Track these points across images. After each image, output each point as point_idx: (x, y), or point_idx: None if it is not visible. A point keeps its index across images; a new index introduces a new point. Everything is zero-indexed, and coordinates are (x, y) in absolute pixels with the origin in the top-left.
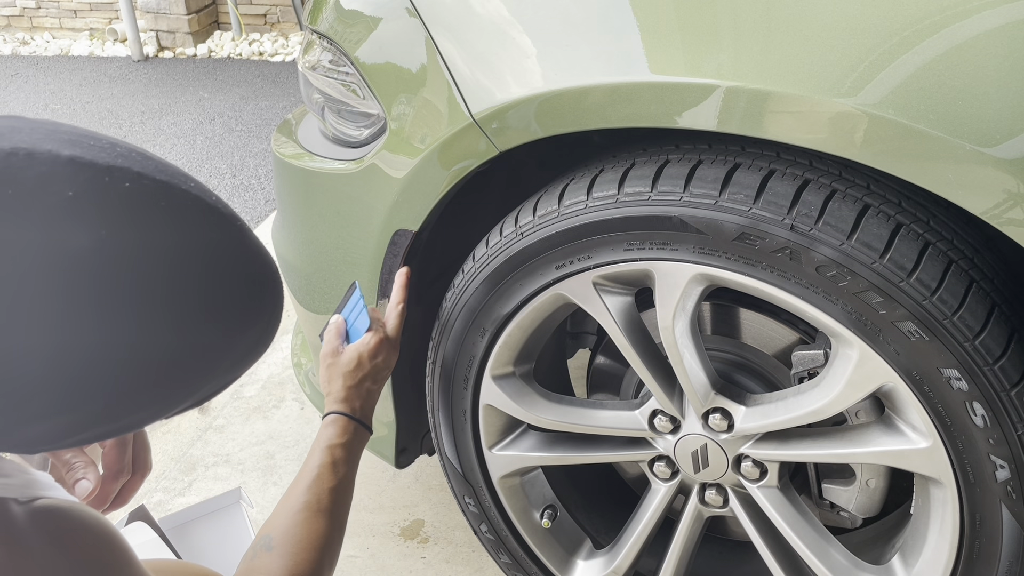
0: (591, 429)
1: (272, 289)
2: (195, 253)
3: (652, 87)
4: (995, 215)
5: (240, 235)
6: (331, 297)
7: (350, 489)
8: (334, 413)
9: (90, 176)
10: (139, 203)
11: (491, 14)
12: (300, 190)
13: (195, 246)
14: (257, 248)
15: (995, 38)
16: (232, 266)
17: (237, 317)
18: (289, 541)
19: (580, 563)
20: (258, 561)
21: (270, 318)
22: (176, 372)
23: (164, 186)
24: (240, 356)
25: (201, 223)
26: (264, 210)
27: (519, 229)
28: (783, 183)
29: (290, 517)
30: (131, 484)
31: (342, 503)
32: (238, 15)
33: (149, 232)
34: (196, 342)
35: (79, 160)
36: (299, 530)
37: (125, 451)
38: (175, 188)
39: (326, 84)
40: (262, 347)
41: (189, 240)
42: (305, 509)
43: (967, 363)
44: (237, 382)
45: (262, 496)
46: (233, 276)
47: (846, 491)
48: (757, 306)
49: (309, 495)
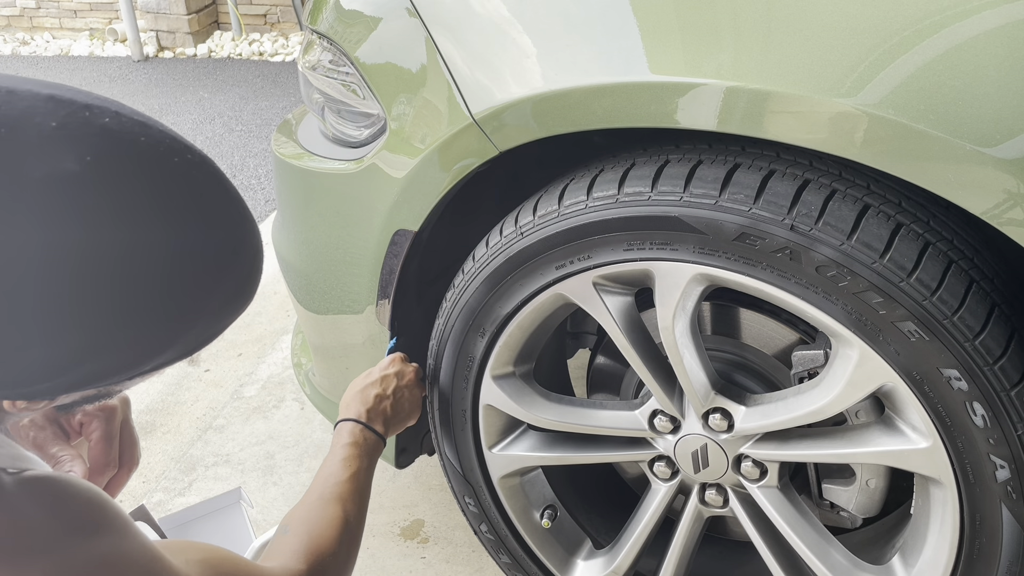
0: (591, 429)
1: (249, 231)
2: (177, 183)
3: (652, 87)
4: (995, 215)
5: (218, 175)
6: (331, 297)
7: (366, 488)
8: (340, 421)
9: (71, 111)
10: (120, 136)
11: (491, 14)
12: (300, 190)
13: (178, 179)
14: (235, 192)
15: (995, 38)
16: (214, 202)
17: (215, 254)
18: (305, 523)
19: (580, 563)
20: (276, 544)
21: (250, 262)
22: (155, 305)
23: (142, 124)
24: (221, 300)
25: (181, 161)
26: (264, 210)
27: (519, 229)
28: (783, 183)
29: (306, 506)
30: (118, 478)
31: (357, 493)
32: (238, 15)
33: (131, 162)
34: (174, 272)
35: (58, 97)
36: (314, 514)
37: (112, 445)
38: (152, 127)
39: (326, 84)
40: (244, 293)
41: (171, 174)
42: (320, 499)
43: (967, 363)
44: (237, 382)
45: (262, 496)
46: (214, 211)
47: (846, 491)
48: (757, 306)
49: (324, 487)
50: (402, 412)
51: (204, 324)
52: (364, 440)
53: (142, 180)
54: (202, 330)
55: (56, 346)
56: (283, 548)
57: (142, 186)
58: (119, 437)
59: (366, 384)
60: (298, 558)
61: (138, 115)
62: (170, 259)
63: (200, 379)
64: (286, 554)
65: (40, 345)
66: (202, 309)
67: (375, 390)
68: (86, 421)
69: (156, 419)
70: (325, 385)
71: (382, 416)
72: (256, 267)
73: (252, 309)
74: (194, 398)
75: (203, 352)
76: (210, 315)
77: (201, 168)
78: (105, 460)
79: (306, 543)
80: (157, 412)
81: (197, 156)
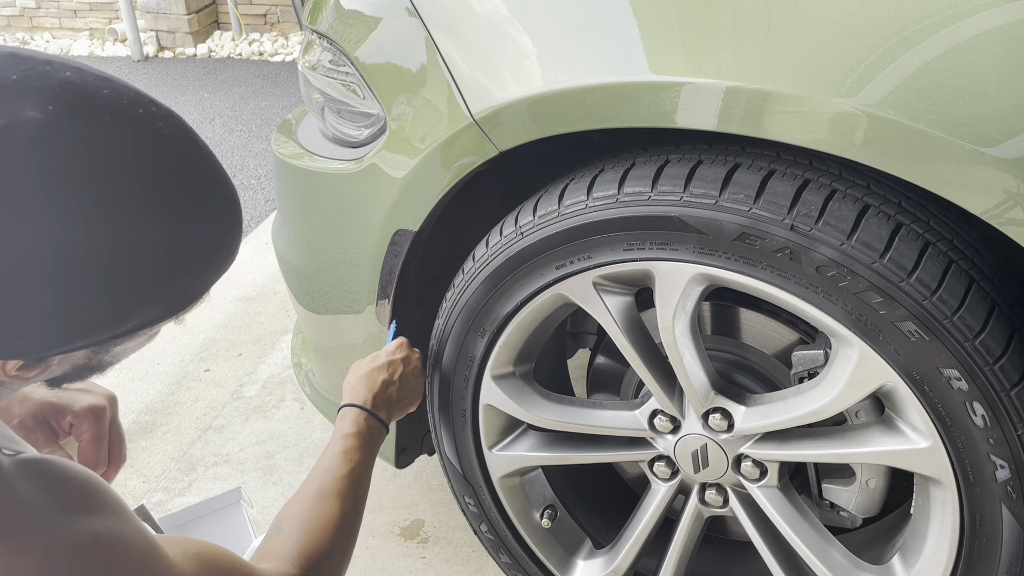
0: (591, 429)
1: (220, 182)
2: (144, 133)
3: (652, 87)
4: (995, 215)
5: (186, 128)
6: (331, 297)
7: (365, 479)
8: (345, 406)
9: (31, 65)
10: (83, 87)
11: (491, 14)
12: (300, 190)
13: (145, 129)
14: (204, 145)
15: (995, 38)
16: (180, 157)
17: (184, 209)
18: (299, 523)
19: (580, 563)
20: (269, 544)
21: (226, 213)
22: (128, 252)
23: (105, 79)
24: (198, 251)
25: (146, 112)
26: (264, 210)
27: (519, 229)
28: (783, 183)
29: (301, 502)
30: (107, 476)
31: (355, 489)
32: (238, 15)
33: (95, 112)
34: (138, 229)
35: (19, 54)
36: (309, 512)
37: (102, 445)
38: (115, 81)
39: (326, 84)
40: (223, 245)
41: (136, 123)
42: (317, 494)
43: (967, 363)
44: (237, 382)
45: (262, 496)
46: (185, 161)
47: (846, 491)
48: (757, 306)
49: (321, 481)
50: (406, 399)
51: (184, 278)
52: (368, 429)
53: (107, 130)
54: (183, 285)
55: (37, 294)
56: (277, 548)
57: (107, 135)
58: (108, 435)
59: (373, 368)
60: (291, 561)
61: (101, 72)
62: (141, 208)
63: (200, 379)
64: (279, 555)
65: (21, 294)
66: (178, 259)
67: (382, 375)
68: (76, 423)
69: (156, 419)
70: (325, 385)
71: (387, 403)
72: (233, 218)
73: (252, 309)
74: (194, 398)
75: (203, 352)
76: (189, 267)
77: (168, 121)
78: (95, 460)
79: (300, 544)
80: (157, 412)
81: (163, 109)
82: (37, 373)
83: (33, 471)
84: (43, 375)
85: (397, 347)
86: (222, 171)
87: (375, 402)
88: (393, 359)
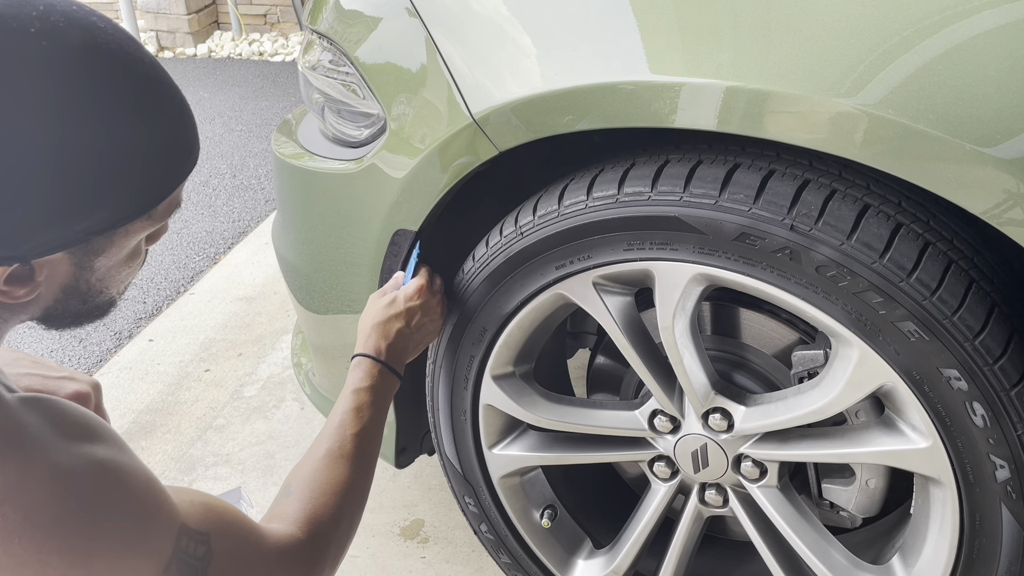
0: (591, 429)
1: (166, 84)
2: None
3: (652, 87)
4: (995, 215)
5: (132, 40)
6: (331, 297)
7: (377, 436)
8: (358, 356)
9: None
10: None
11: (491, 14)
12: (300, 190)
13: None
14: (149, 54)
15: (995, 38)
16: (128, 61)
17: (130, 107)
18: (308, 486)
19: (580, 563)
20: (276, 508)
21: (174, 114)
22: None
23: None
24: (152, 139)
25: (92, 25)
26: (264, 210)
27: (519, 229)
28: (783, 183)
29: (311, 464)
30: None
31: (366, 449)
32: (238, 15)
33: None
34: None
35: None
36: (319, 475)
37: None
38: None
39: (326, 84)
40: (177, 138)
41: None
42: (327, 455)
43: (967, 363)
44: (237, 382)
45: (262, 496)
46: (130, 68)
47: (846, 491)
48: (757, 306)
49: (331, 441)
50: (421, 343)
51: (142, 170)
52: (382, 381)
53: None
54: (145, 178)
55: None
56: (285, 511)
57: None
58: None
59: (390, 315)
60: (299, 525)
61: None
62: (86, 94)
63: (200, 379)
64: (287, 519)
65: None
66: (130, 149)
67: (398, 324)
68: None
69: (156, 419)
70: (325, 385)
71: (402, 353)
72: (180, 113)
73: (252, 309)
74: (194, 398)
75: (203, 352)
76: (143, 159)
77: (104, 20)
78: None
79: (309, 509)
80: (157, 412)
81: (98, 14)
82: (27, 291)
83: (38, 405)
84: (33, 295)
85: (417, 291)
86: (161, 68)
87: (390, 354)
88: (412, 305)
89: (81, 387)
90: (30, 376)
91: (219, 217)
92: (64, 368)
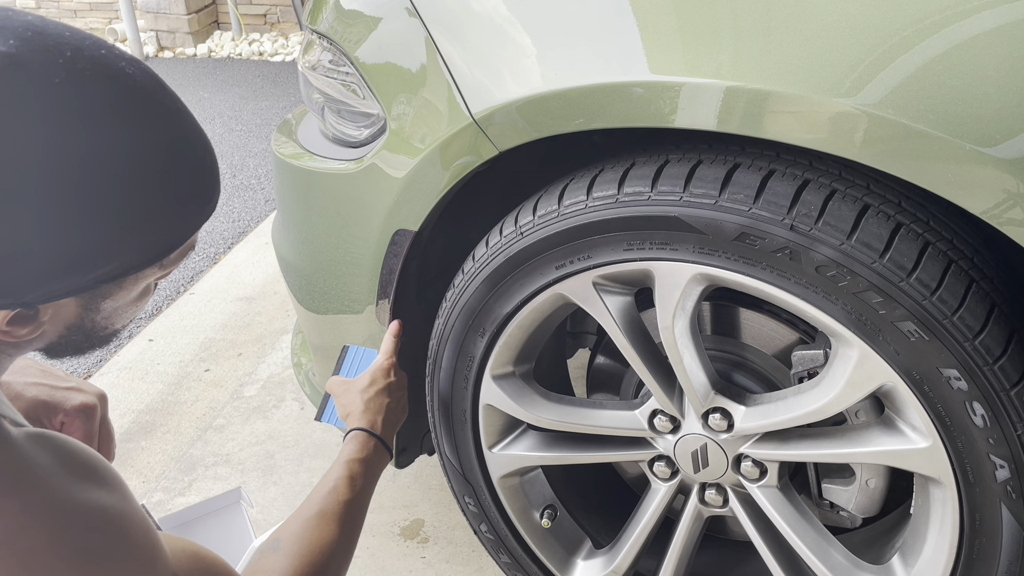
0: (591, 429)
1: (190, 122)
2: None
3: (652, 87)
4: (995, 215)
5: (152, 74)
6: (331, 297)
7: (364, 505)
8: (355, 430)
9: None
10: (44, 29)
11: (491, 14)
12: (300, 190)
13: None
14: (172, 92)
15: (995, 38)
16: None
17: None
18: (297, 544)
19: (580, 563)
20: (264, 562)
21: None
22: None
23: (68, 26)
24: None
25: (108, 53)
26: (264, 210)
27: (519, 229)
28: (783, 183)
29: (301, 522)
30: None
31: (355, 517)
32: (238, 15)
33: (56, 51)
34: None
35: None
36: (308, 535)
37: (91, 443)
38: (79, 30)
39: (326, 84)
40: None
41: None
42: (318, 516)
43: (967, 363)
44: (237, 382)
45: (262, 496)
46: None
47: (846, 491)
48: (757, 306)
49: (323, 504)
50: (400, 421)
51: (158, 216)
52: (375, 455)
53: (70, 65)
54: (160, 225)
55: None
56: (274, 567)
57: (71, 70)
58: (98, 436)
59: (376, 392)
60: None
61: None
62: (106, 146)
63: (200, 379)
64: (275, 574)
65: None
66: (150, 193)
67: (385, 399)
68: (67, 421)
69: (156, 419)
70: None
71: (391, 428)
72: (204, 158)
73: (252, 309)
74: (194, 398)
75: (203, 352)
76: (161, 204)
77: (134, 63)
78: None
79: (296, 567)
80: (157, 412)
81: (127, 55)
82: (29, 331)
83: (42, 442)
84: (35, 334)
85: (391, 368)
86: (188, 113)
87: (383, 428)
88: (391, 381)
89: (88, 399)
90: (38, 386)
91: (219, 217)
92: (72, 378)
